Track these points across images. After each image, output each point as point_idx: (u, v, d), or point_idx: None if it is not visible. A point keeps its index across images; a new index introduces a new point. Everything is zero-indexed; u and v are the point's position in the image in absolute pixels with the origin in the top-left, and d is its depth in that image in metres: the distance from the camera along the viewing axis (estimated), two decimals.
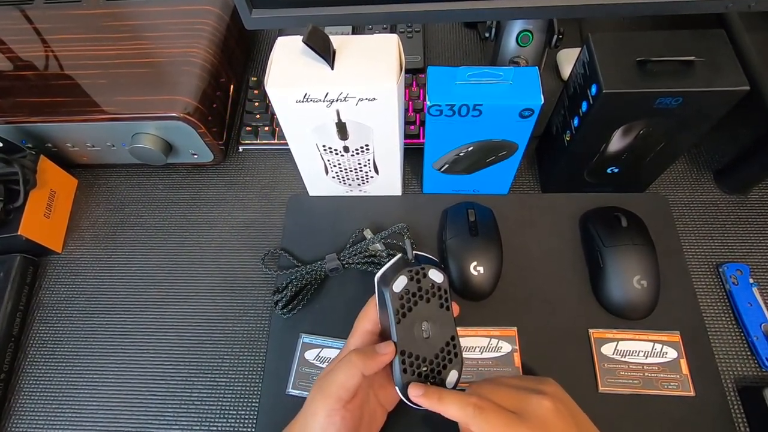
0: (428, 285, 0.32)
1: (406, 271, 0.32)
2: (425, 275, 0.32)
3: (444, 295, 0.33)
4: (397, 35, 0.37)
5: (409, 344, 0.32)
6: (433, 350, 0.32)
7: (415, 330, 0.32)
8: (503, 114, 0.38)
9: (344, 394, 0.30)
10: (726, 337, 0.43)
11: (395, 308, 0.31)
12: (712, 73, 0.35)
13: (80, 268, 0.49)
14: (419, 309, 0.32)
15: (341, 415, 0.30)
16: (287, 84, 0.36)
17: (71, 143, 0.51)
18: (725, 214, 0.48)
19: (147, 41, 0.51)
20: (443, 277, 0.33)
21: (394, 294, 0.31)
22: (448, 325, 0.33)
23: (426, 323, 0.32)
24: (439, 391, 0.31)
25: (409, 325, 0.32)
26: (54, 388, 0.44)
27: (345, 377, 0.31)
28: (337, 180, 0.47)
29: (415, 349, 0.32)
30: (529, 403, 0.29)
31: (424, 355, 0.32)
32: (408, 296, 0.32)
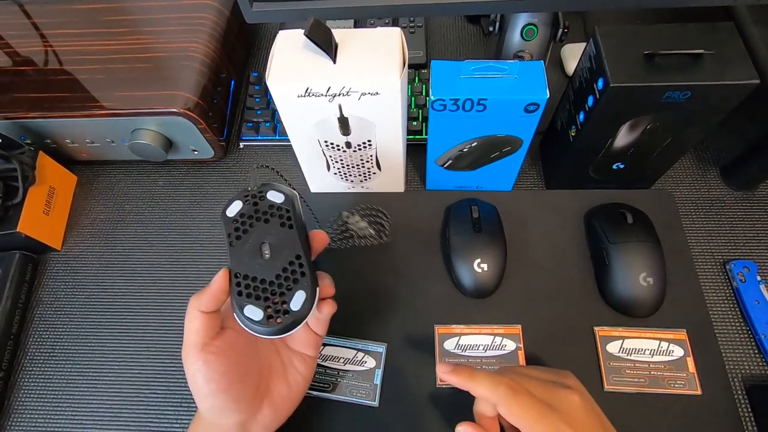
0: (266, 206, 0.30)
1: (242, 194, 0.30)
2: (263, 197, 0.30)
3: (286, 215, 0.30)
4: (399, 29, 0.37)
5: (244, 267, 0.29)
6: (274, 271, 0.29)
7: (251, 252, 0.29)
8: (508, 109, 0.37)
9: (193, 338, 0.29)
10: (733, 335, 0.42)
11: (228, 232, 0.30)
12: (721, 66, 0.35)
13: (80, 265, 0.49)
14: (256, 230, 0.30)
15: (202, 359, 0.29)
16: (289, 78, 0.35)
17: (70, 139, 0.50)
18: (732, 211, 0.48)
19: (146, 36, 0.51)
20: (284, 196, 0.30)
21: (227, 219, 0.30)
22: (293, 243, 0.30)
23: (266, 245, 0.30)
24: (471, 369, 0.30)
25: (244, 247, 0.30)
26: (54, 386, 0.43)
27: (187, 322, 0.29)
28: (339, 176, 0.47)
29: (251, 271, 0.29)
30: (558, 395, 0.29)
31: (262, 276, 0.29)
32: (243, 219, 0.30)
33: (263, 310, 0.28)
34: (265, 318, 0.28)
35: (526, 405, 0.28)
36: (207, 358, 0.29)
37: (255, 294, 0.29)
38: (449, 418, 0.38)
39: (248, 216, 0.30)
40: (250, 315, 0.28)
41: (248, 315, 0.28)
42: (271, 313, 0.29)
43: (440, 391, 0.39)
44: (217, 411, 0.30)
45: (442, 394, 0.39)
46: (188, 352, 0.29)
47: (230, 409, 0.30)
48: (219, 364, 0.29)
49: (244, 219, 0.30)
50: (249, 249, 0.30)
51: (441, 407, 0.39)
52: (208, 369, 0.29)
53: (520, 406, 0.28)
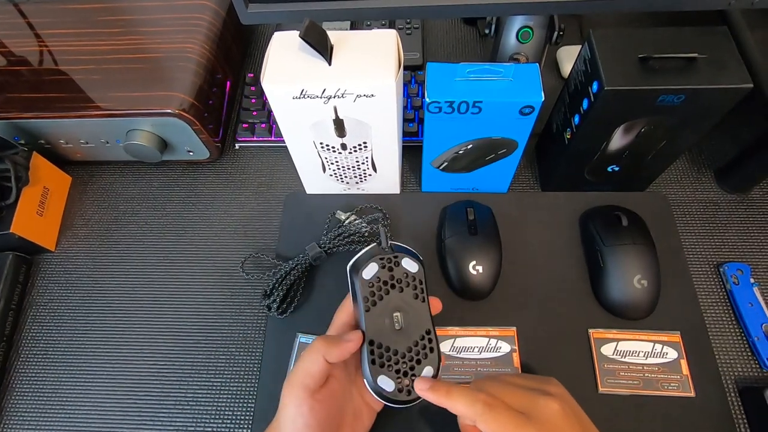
0: (401, 274, 0.31)
1: (378, 258, 0.30)
2: (398, 263, 0.31)
3: (419, 286, 0.31)
4: (395, 30, 0.37)
5: (379, 334, 0.30)
6: (406, 343, 0.30)
7: (386, 320, 0.30)
8: (503, 111, 0.37)
9: (309, 381, 0.29)
10: (727, 338, 0.42)
11: (364, 296, 0.30)
12: (715, 70, 0.35)
13: (74, 267, 0.49)
14: (391, 298, 0.30)
15: (309, 405, 0.29)
16: (284, 80, 0.35)
17: (65, 140, 0.50)
18: (726, 214, 0.48)
19: (142, 36, 0.51)
20: (418, 266, 0.31)
21: (363, 281, 0.30)
22: (424, 317, 0.31)
23: (398, 314, 0.30)
24: (448, 386, 0.30)
25: (380, 314, 0.30)
26: (47, 388, 0.43)
27: (308, 363, 0.30)
28: (335, 178, 0.47)
29: (385, 340, 0.30)
30: (536, 403, 0.29)
31: (395, 348, 0.30)
32: (379, 284, 0.30)
33: (395, 381, 0.30)
34: (396, 390, 0.30)
35: (502, 420, 0.28)
36: (313, 405, 0.29)
37: (388, 364, 0.30)
38: (442, 423, 0.38)
39: (384, 282, 0.31)
40: (383, 385, 0.29)
41: (381, 385, 0.29)
42: (401, 385, 0.30)
43: None
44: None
45: None
46: (296, 391, 0.29)
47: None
48: (321, 413, 0.30)
49: (380, 284, 0.30)
50: (384, 317, 0.30)
51: (433, 412, 0.38)
52: (311, 416, 0.29)
53: (497, 421, 0.28)
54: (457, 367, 0.40)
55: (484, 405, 0.28)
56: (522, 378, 0.32)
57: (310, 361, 0.30)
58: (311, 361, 0.30)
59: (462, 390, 0.30)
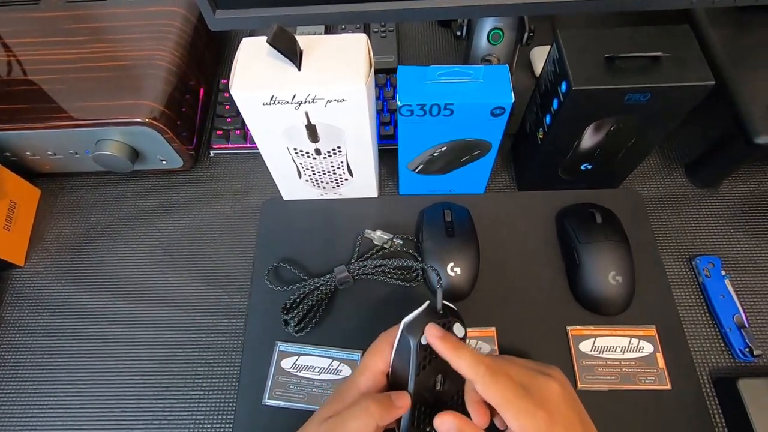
0: None
1: (433, 320, 0.31)
2: (450, 329, 0.31)
3: None
4: (365, 34, 0.37)
5: (423, 398, 0.31)
6: (441, 405, 0.31)
7: (429, 383, 0.31)
8: (475, 113, 0.37)
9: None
10: (700, 330, 0.43)
11: (419, 361, 0.30)
12: (679, 68, 0.36)
13: (45, 282, 0.47)
14: (437, 362, 0.31)
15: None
16: (253, 86, 0.35)
17: (31, 152, 0.48)
18: (697, 208, 0.49)
19: (109, 44, 0.50)
20: (464, 331, 0.32)
21: (421, 346, 0.30)
22: (459, 379, 0.31)
23: (441, 377, 0.31)
24: (457, 342, 0.30)
25: (426, 378, 0.31)
26: (17, 409, 0.42)
27: (360, 427, 0.28)
28: (311, 183, 0.46)
29: (427, 402, 0.31)
30: (537, 380, 0.29)
31: (431, 408, 0.31)
32: (431, 349, 0.30)
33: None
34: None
35: (502, 384, 0.28)
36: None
37: (423, 425, 0.30)
38: None
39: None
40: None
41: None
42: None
43: None
44: None
45: None
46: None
47: None
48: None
49: (432, 349, 0.30)
50: (429, 380, 0.31)
51: None
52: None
53: (497, 384, 0.28)
54: None
55: (486, 368, 0.28)
56: (526, 361, 0.32)
57: (363, 425, 0.28)
58: (363, 426, 0.28)
59: (470, 350, 0.29)
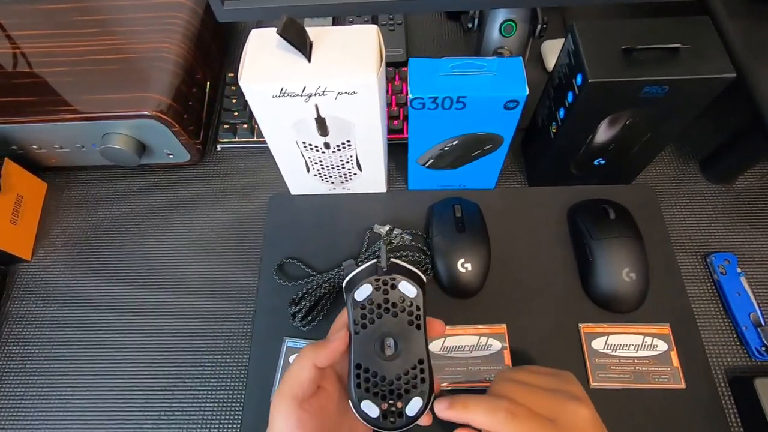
0: (397, 298, 0.29)
1: (373, 279, 0.29)
2: (394, 287, 0.29)
3: (416, 312, 0.29)
4: (376, 26, 0.36)
5: (367, 359, 0.29)
6: (396, 371, 0.29)
7: (375, 345, 0.29)
8: (487, 106, 0.37)
9: (298, 390, 0.28)
10: (715, 328, 0.42)
11: (355, 317, 0.29)
12: (698, 60, 0.35)
13: (51, 276, 0.47)
14: (383, 323, 0.29)
15: (297, 416, 0.27)
16: (262, 79, 0.34)
17: (37, 145, 0.48)
18: (712, 204, 0.48)
19: (116, 36, 0.49)
20: (417, 291, 0.29)
21: (355, 302, 0.29)
22: (418, 345, 0.29)
23: (390, 339, 0.29)
24: (464, 399, 0.28)
25: (369, 338, 0.29)
26: (26, 402, 0.42)
27: (296, 371, 0.28)
28: (320, 178, 0.46)
29: (374, 365, 0.29)
30: (564, 409, 0.27)
31: (383, 374, 0.29)
32: (371, 307, 0.29)
33: (379, 407, 0.28)
34: (380, 416, 0.28)
35: (526, 428, 0.26)
36: (302, 416, 0.28)
37: (374, 390, 0.29)
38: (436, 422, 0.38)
39: (377, 305, 0.29)
40: (366, 410, 0.28)
41: (364, 409, 0.28)
42: (386, 412, 0.29)
43: None
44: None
45: None
46: (285, 402, 0.28)
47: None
48: (311, 425, 0.28)
49: (372, 307, 0.29)
50: (374, 341, 0.29)
51: None
52: (300, 428, 0.27)
53: (522, 428, 0.26)
54: (448, 367, 0.39)
55: (506, 413, 0.26)
56: (541, 375, 0.31)
57: (299, 368, 0.29)
58: (300, 369, 0.29)
59: (480, 400, 0.28)
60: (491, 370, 0.39)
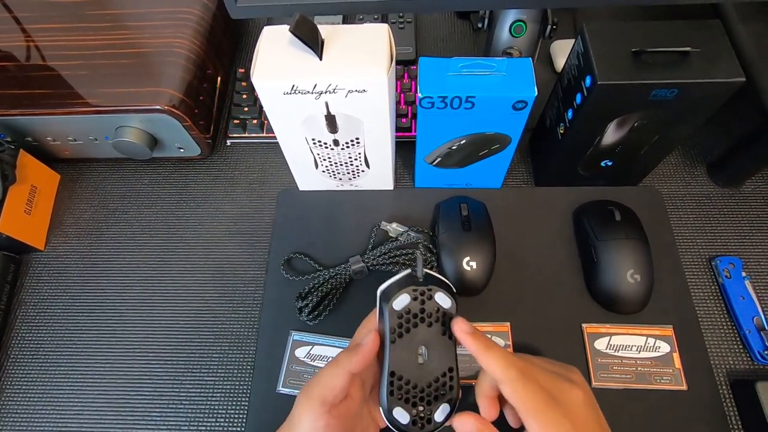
0: (433, 308, 0.30)
1: (411, 289, 0.29)
2: (431, 297, 0.30)
3: (448, 322, 0.30)
4: (387, 24, 0.36)
5: (401, 366, 0.29)
6: (427, 378, 0.30)
7: (410, 353, 0.30)
8: (496, 106, 0.37)
9: (329, 395, 0.29)
10: (719, 331, 0.42)
11: (392, 326, 0.29)
12: (709, 64, 0.35)
13: (64, 266, 0.48)
14: (418, 332, 0.30)
15: (325, 421, 0.28)
16: (274, 75, 0.35)
17: (52, 137, 0.49)
18: (718, 208, 0.48)
19: (130, 31, 0.50)
20: (451, 302, 0.30)
21: (393, 311, 0.29)
22: (449, 354, 0.30)
23: (424, 348, 0.30)
24: (488, 340, 0.28)
25: (405, 346, 0.29)
26: (38, 389, 0.42)
27: (330, 377, 0.29)
28: (328, 174, 0.46)
29: (407, 372, 0.29)
30: (562, 388, 0.28)
31: (415, 381, 0.30)
32: (408, 316, 0.29)
33: (410, 414, 0.29)
34: (410, 423, 0.29)
35: (532, 391, 0.27)
36: (329, 421, 0.28)
37: (406, 397, 0.29)
38: None
39: (414, 314, 0.30)
40: (398, 417, 0.29)
41: (396, 416, 0.29)
42: (416, 418, 0.29)
43: None
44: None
45: None
46: (315, 405, 0.28)
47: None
48: (336, 430, 0.29)
49: (409, 316, 0.29)
50: (409, 350, 0.30)
51: None
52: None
53: (527, 391, 0.27)
54: None
55: (518, 372, 0.27)
56: (547, 362, 0.32)
57: (334, 374, 0.29)
58: (335, 375, 0.29)
59: (500, 350, 0.28)
60: None
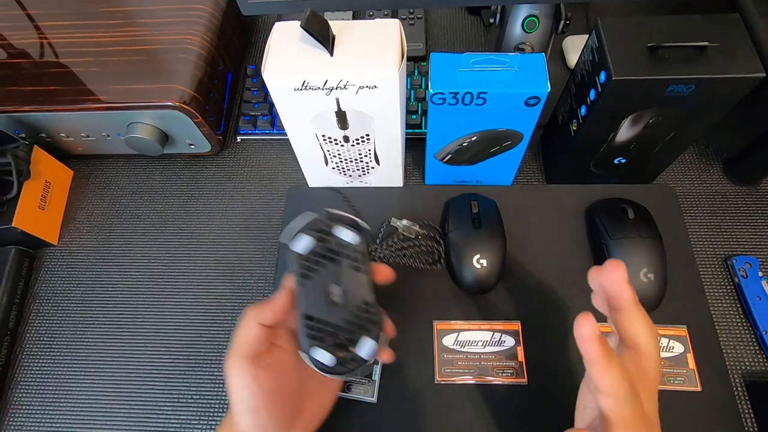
0: (337, 245, 0.29)
1: (310, 230, 0.29)
2: (334, 234, 0.29)
3: (357, 257, 0.29)
4: (398, 20, 0.36)
5: (315, 308, 0.29)
6: (343, 316, 0.29)
7: (321, 293, 0.29)
8: (508, 102, 0.37)
9: (246, 348, 0.28)
10: (734, 332, 0.42)
11: (298, 269, 0.29)
12: (727, 59, 0.34)
13: (77, 260, 0.49)
14: (326, 271, 0.29)
15: (251, 373, 0.28)
16: (285, 71, 0.34)
17: (65, 133, 0.49)
18: (734, 206, 0.47)
19: (141, 28, 0.50)
20: (355, 236, 0.29)
21: (294, 254, 0.29)
22: (363, 289, 0.29)
23: (335, 286, 0.29)
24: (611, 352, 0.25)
25: (315, 288, 0.29)
26: (51, 381, 0.43)
27: (241, 332, 0.29)
28: (338, 171, 0.46)
29: (321, 313, 0.29)
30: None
31: (331, 320, 0.29)
32: (312, 257, 0.29)
33: (332, 354, 0.29)
34: (333, 362, 0.29)
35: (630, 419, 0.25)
36: (257, 373, 0.28)
37: (325, 338, 0.29)
38: (448, 414, 0.38)
39: (319, 255, 0.29)
40: (319, 358, 0.29)
41: (317, 358, 0.29)
42: (340, 358, 0.29)
43: (439, 387, 0.39)
44: (257, 428, 0.29)
45: (441, 390, 0.39)
46: (237, 362, 0.28)
47: (270, 427, 0.29)
48: (268, 381, 0.28)
49: (315, 257, 0.29)
50: (319, 290, 0.29)
51: (440, 403, 0.38)
52: (256, 385, 0.28)
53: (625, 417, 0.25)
54: (461, 361, 0.40)
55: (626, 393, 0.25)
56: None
57: (244, 329, 0.29)
58: (245, 329, 0.29)
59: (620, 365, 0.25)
60: (505, 366, 0.40)
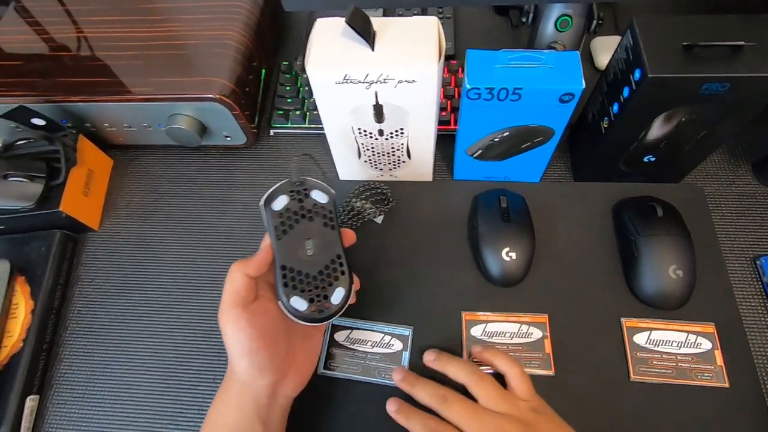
0: (311, 204, 0.33)
1: (287, 190, 0.33)
2: (308, 195, 0.33)
3: (328, 215, 0.33)
4: (437, 17, 0.37)
5: (291, 260, 0.32)
6: (317, 267, 0.32)
7: (297, 247, 0.32)
8: (543, 98, 0.37)
9: (237, 297, 0.31)
10: (762, 330, 0.42)
11: (275, 225, 0.32)
12: (762, 58, 0.35)
13: (116, 246, 0.51)
14: (302, 227, 0.32)
15: (245, 317, 0.30)
16: (328, 65, 0.36)
17: (109, 123, 0.52)
18: (763, 207, 0.47)
19: (181, 23, 0.52)
20: (327, 197, 0.33)
21: (273, 212, 0.32)
22: (334, 243, 0.33)
23: (309, 241, 0.32)
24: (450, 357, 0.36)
25: (290, 241, 0.32)
26: (92, 359, 0.45)
27: (230, 283, 0.31)
28: (369, 164, 0.48)
29: (297, 264, 0.32)
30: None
31: (307, 271, 0.32)
32: (288, 214, 0.32)
33: (307, 301, 0.32)
34: (308, 309, 0.32)
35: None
36: (249, 316, 0.31)
37: (300, 287, 0.32)
38: None
39: (293, 212, 0.33)
40: (296, 305, 0.32)
41: (293, 305, 0.32)
42: (314, 304, 0.32)
43: None
44: (255, 369, 0.31)
45: None
46: (230, 310, 0.31)
47: (267, 368, 0.31)
48: (261, 323, 0.31)
49: (289, 214, 0.33)
50: (295, 244, 0.32)
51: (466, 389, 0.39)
52: (251, 327, 0.30)
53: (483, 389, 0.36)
54: None
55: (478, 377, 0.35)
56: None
57: (231, 280, 0.31)
58: (232, 280, 0.31)
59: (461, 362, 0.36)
60: (532, 357, 0.40)
